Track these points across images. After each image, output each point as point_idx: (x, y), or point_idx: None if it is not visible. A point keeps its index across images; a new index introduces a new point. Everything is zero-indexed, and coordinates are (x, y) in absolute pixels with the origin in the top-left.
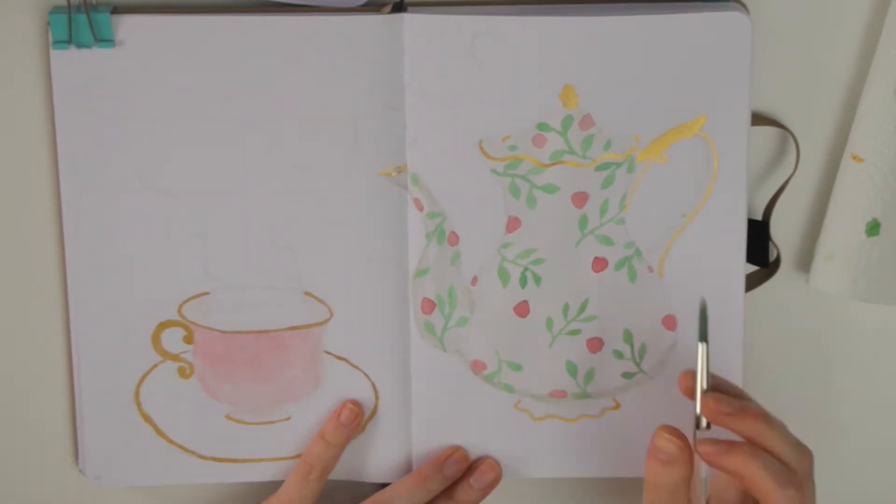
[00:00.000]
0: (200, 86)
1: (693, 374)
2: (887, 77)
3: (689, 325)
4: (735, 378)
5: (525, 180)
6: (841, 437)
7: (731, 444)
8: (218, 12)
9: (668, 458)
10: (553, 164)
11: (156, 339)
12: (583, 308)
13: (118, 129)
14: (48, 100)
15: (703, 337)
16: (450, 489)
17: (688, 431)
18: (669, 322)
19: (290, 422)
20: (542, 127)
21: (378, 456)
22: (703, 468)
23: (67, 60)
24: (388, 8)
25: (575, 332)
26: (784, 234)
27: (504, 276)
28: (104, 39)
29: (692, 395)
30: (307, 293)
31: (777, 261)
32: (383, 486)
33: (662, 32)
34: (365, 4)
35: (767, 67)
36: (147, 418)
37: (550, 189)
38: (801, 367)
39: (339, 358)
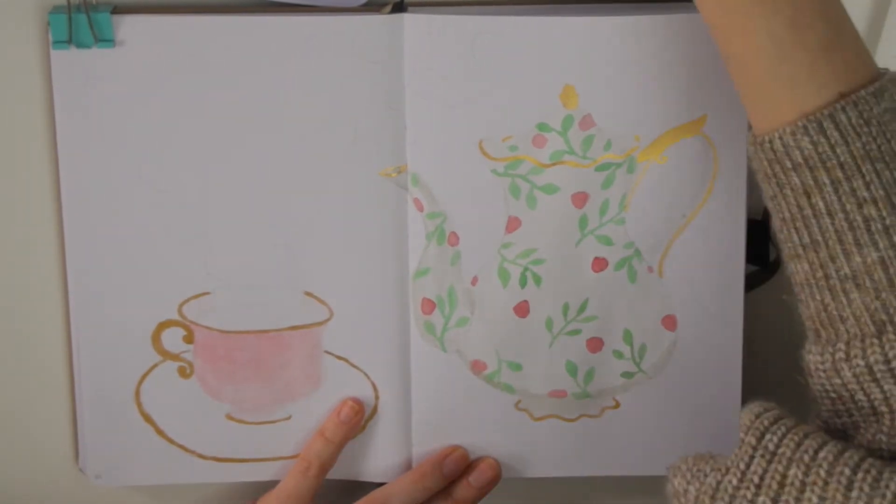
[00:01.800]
0: (200, 86)
1: None
2: None
3: (689, 325)
4: (734, 378)
5: (525, 180)
6: None
7: None
8: (218, 12)
9: None
10: (553, 164)
11: (156, 339)
12: (583, 308)
13: (118, 129)
14: (48, 100)
15: None
16: (449, 488)
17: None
18: (669, 322)
19: (290, 421)
20: (543, 127)
21: (378, 456)
22: None
23: (67, 60)
24: (388, 8)
25: (575, 332)
26: None
27: (504, 276)
28: (104, 39)
29: None
30: (307, 293)
31: (777, 261)
32: (383, 485)
33: (662, 32)
34: (365, 4)
35: None
36: (147, 418)
37: (550, 189)
38: (801, 367)
39: (340, 358)
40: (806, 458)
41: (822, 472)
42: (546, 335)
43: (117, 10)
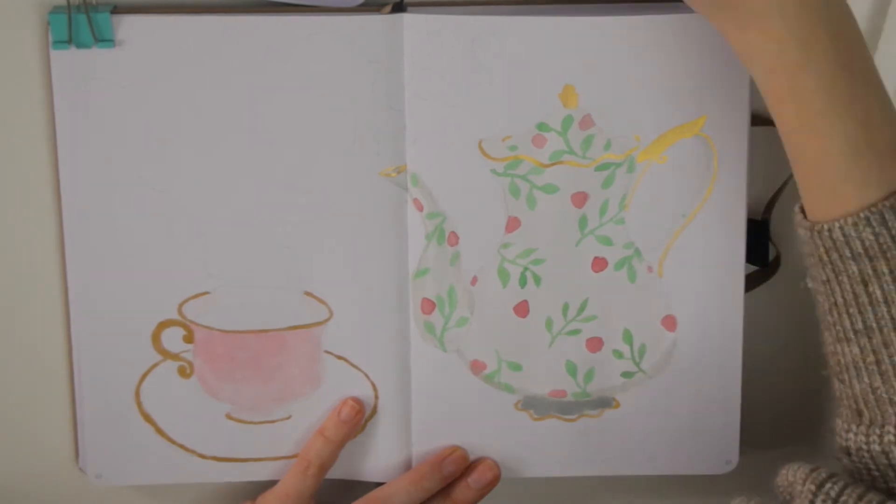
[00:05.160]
0: (200, 86)
1: None
2: (887, 77)
3: (689, 325)
4: (734, 378)
5: (525, 180)
6: None
7: None
8: (218, 12)
9: None
10: (553, 164)
11: (156, 339)
12: (583, 308)
13: (118, 129)
14: (48, 100)
15: None
16: (448, 488)
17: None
18: (669, 322)
19: (290, 421)
20: (542, 127)
21: (378, 456)
22: None
23: (67, 60)
24: (388, 8)
25: (575, 332)
26: (784, 234)
27: (504, 276)
28: (104, 39)
29: None
30: (307, 293)
31: (777, 261)
32: (382, 485)
33: (662, 32)
34: (365, 4)
35: None
36: (147, 417)
37: (550, 189)
38: (801, 367)
39: (339, 358)
40: None
41: None
42: (546, 335)
43: (117, 10)
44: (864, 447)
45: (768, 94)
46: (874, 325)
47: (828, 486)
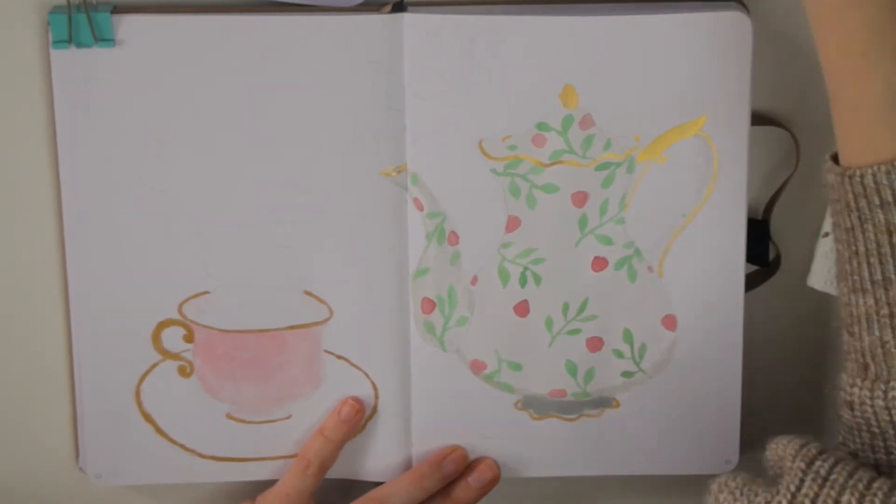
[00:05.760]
0: (200, 86)
1: None
2: None
3: (689, 325)
4: (734, 378)
5: (525, 180)
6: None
7: None
8: (218, 12)
9: None
10: (553, 163)
11: (156, 338)
12: (583, 308)
13: (118, 129)
14: (48, 100)
15: None
16: (448, 488)
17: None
18: (669, 322)
19: (290, 420)
20: (542, 127)
21: (378, 456)
22: None
23: (67, 60)
24: (388, 8)
25: (575, 332)
26: (784, 234)
27: (504, 275)
28: (104, 39)
29: None
30: (307, 292)
31: (777, 260)
32: (381, 485)
33: (662, 32)
34: (365, 4)
35: (767, 67)
36: (147, 417)
37: (550, 189)
38: (801, 366)
39: (340, 357)
40: (860, 486)
41: (878, 502)
42: (546, 335)
43: (117, 10)
44: (868, 402)
45: (816, 26)
46: (892, 276)
47: (818, 463)
